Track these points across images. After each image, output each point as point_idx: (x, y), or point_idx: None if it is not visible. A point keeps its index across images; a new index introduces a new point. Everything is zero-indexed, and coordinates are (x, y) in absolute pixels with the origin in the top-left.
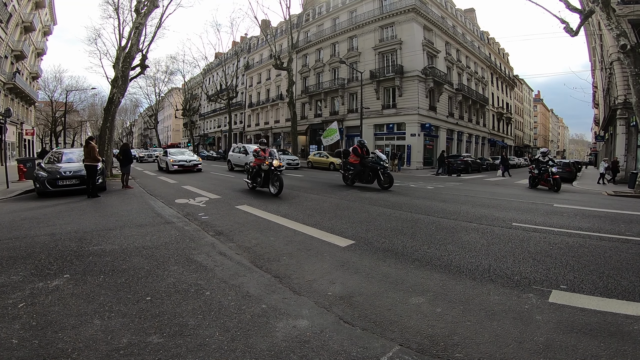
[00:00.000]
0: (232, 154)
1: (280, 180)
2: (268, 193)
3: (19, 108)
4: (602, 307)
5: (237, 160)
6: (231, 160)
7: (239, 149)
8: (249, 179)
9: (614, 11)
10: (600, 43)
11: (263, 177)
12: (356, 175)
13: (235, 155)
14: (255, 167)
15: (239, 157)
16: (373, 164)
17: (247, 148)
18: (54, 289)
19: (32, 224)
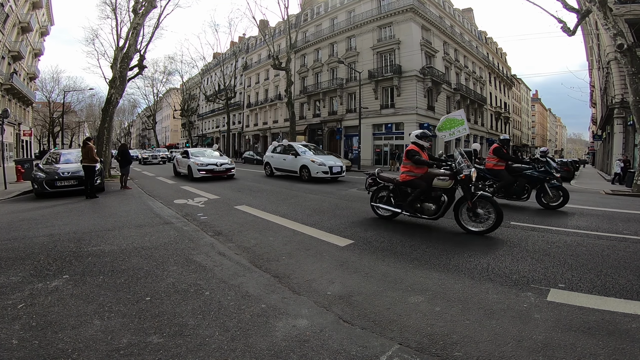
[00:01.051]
0: (271, 156)
1: (495, 206)
2: (267, 193)
3: (16, 109)
4: (600, 306)
5: (281, 163)
6: (271, 164)
7: (283, 148)
8: (386, 203)
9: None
10: (598, 42)
11: (446, 201)
12: (501, 188)
13: (279, 157)
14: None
15: (284, 159)
16: (539, 172)
17: (297, 148)
18: (54, 290)
19: (30, 224)
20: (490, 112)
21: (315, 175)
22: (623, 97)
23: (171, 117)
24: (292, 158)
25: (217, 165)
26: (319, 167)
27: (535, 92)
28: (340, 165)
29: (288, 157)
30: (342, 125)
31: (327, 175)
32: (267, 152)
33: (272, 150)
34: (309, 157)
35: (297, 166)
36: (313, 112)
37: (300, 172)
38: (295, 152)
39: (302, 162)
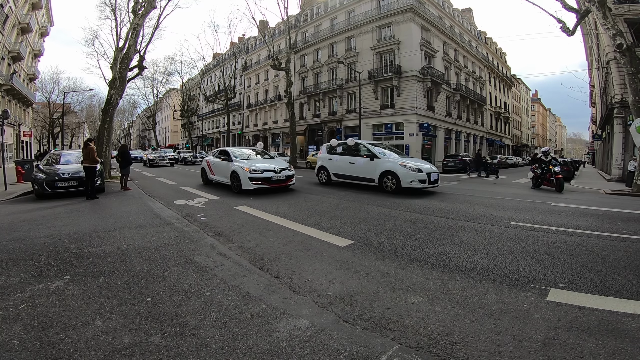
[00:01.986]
0: (329, 158)
1: None
2: (266, 194)
3: (16, 109)
4: (600, 305)
5: (346, 168)
6: (329, 168)
7: (347, 148)
8: None
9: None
10: (597, 42)
11: None
12: None
13: (342, 159)
14: None
15: (351, 162)
16: None
17: (372, 148)
18: (55, 290)
19: (31, 225)
20: (490, 112)
21: (406, 186)
22: (622, 97)
23: (171, 118)
24: (366, 161)
25: (275, 172)
26: (414, 175)
27: (535, 92)
28: (437, 172)
29: (358, 159)
30: (342, 126)
31: (423, 185)
32: (320, 152)
33: (329, 150)
34: (395, 159)
35: (375, 172)
36: (313, 113)
37: (380, 181)
38: (370, 154)
39: (386, 167)
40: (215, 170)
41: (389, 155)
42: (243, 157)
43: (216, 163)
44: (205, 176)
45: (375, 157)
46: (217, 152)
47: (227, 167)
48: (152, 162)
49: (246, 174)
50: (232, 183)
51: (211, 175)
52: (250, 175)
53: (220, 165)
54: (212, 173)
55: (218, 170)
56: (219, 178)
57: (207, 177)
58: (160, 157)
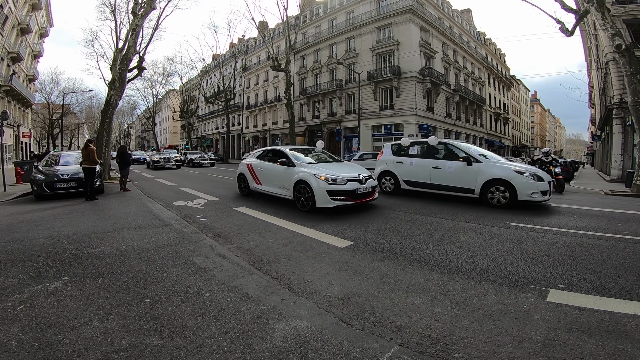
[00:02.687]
0: (398, 161)
1: None
2: (266, 195)
3: (15, 110)
4: (600, 306)
5: (426, 174)
6: (397, 174)
7: (425, 148)
8: None
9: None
10: (596, 43)
11: None
12: None
13: (421, 164)
14: None
15: (436, 167)
16: None
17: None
18: (53, 292)
19: (30, 226)
20: (489, 113)
21: (525, 199)
22: (622, 98)
23: (170, 119)
24: (460, 166)
25: (361, 182)
26: (535, 185)
27: (534, 93)
28: (551, 180)
29: (448, 164)
30: (341, 127)
31: (544, 198)
32: (382, 154)
33: (398, 151)
34: (506, 164)
35: (474, 181)
36: (312, 114)
37: (482, 192)
38: (467, 156)
39: (494, 174)
40: (263, 178)
41: (492, 158)
42: (307, 161)
43: (266, 168)
44: (245, 185)
45: (476, 161)
46: (261, 152)
47: (285, 175)
48: (156, 164)
49: (323, 186)
50: (297, 197)
51: (255, 185)
52: (329, 187)
53: (272, 171)
54: (257, 181)
55: (268, 178)
56: (270, 189)
57: (250, 187)
58: (166, 158)
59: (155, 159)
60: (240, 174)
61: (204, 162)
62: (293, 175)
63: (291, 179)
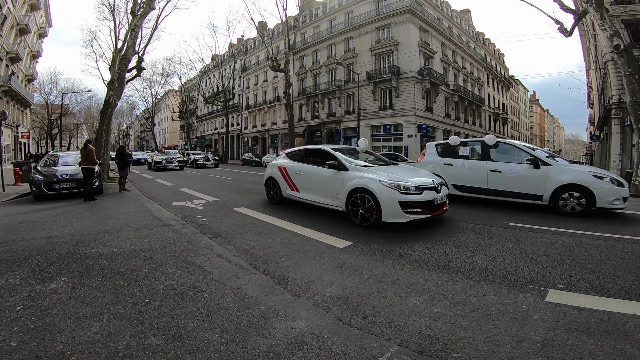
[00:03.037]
0: (445, 163)
1: None
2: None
3: (14, 111)
4: (599, 306)
5: (481, 177)
6: (446, 177)
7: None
8: None
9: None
10: (595, 43)
11: None
12: None
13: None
14: None
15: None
16: None
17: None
18: (52, 292)
19: (28, 227)
20: (488, 113)
21: (604, 206)
22: (620, 98)
23: (170, 119)
24: (525, 170)
25: (436, 190)
26: (617, 191)
27: (533, 93)
28: None
29: (509, 167)
30: (340, 127)
31: (624, 205)
32: (425, 155)
33: (444, 152)
34: (578, 167)
35: (543, 186)
36: (312, 114)
37: (552, 198)
38: (533, 158)
39: (568, 179)
40: (301, 184)
41: (561, 161)
42: (362, 164)
43: (305, 172)
44: (276, 191)
45: (544, 164)
46: (295, 152)
47: (334, 180)
48: (159, 165)
49: (394, 196)
50: (352, 209)
51: (290, 191)
52: (402, 197)
53: (315, 175)
54: (292, 187)
55: (309, 184)
56: (310, 197)
57: (282, 193)
58: (168, 159)
59: (157, 159)
60: (269, 178)
61: (207, 163)
62: (346, 181)
63: (343, 185)
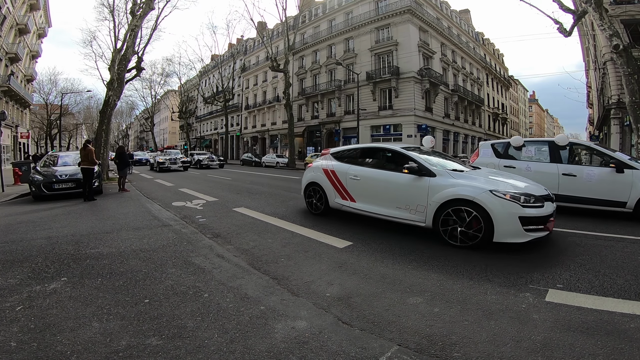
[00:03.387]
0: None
1: None
2: (266, 196)
3: (13, 111)
4: (598, 306)
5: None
6: None
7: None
8: None
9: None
10: (594, 43)
11: None
12: None
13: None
14: None
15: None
16: None
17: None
18: (52, 292)
19: (28, 227)
20: (487, 113)
21: None
22: (619, 98)
23: (169, 119)
24: (606, 174)
25: (552, 200)
26: None
27: (533, 93)
28: None
29: (584, 169)
30: (340, 127)
31: None
32: (478, 155)
33: (504, 153)
34: None
35: (624, 191)
36: (311, 114)
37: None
38: (618, 161)
39: None
40: (356, 191)
41: None
42: (452, 167)
43: (367, 177)
44: (321, 199)
45: (629, 168)
46: (347, 152)
47: (414, 189)
48: (162, 166)
49: (513, 210)
50: (443, 227)
51: (341, 201)
52: (524, 211)
53: (382, 181)
54: (345, 196)
55: (371, 192)
56: (374, 209)
57: (329, 202)
58: (172, 159)
59: (159, 160)
60: (310, 184)
61: (212, 163)
62: (435, 190)
63: (429, 196)
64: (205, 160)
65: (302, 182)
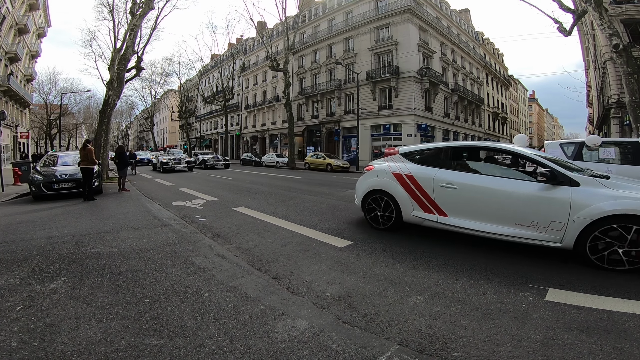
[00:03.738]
0: None
1: None
2: (266, 195)
3: (13, 111)
4: (598, 305)
5: None
6: None
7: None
8: None
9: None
10: (594, 43)
11: None
12: None
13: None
14: None
15: None
16: None
17: None
18: (52, 292)
19: (28, 227)
20: (487, 113)
21: None
22: (619, 97)
23: (169, 119)
24: None
25: None
26: None
27: (532, 93)
28: None
29: None
30: (340, 127)
31: None
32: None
33: (577, 154)
34: None
35: None
36: (311, 114)
37: None
38: None
39: None
40: (451, 203)
41: None
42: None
43: (466, 184)
44: (388, 209)
45: None
46: (431, 153)
47: (544, 202)
48: (166, 166)
49: None
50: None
51: (422, 214)
52: None
53: (495, 191)
54: (430, 208)
55: (475, 204)
56: (477, 225)
57: (402, 215)
58: (176, 159)
59: (163, 160)
60: (373, 192)
61: (217, 163)
62: (581, 204)
63: (571, 211)
64: (211, 160)
65: (357, 189)
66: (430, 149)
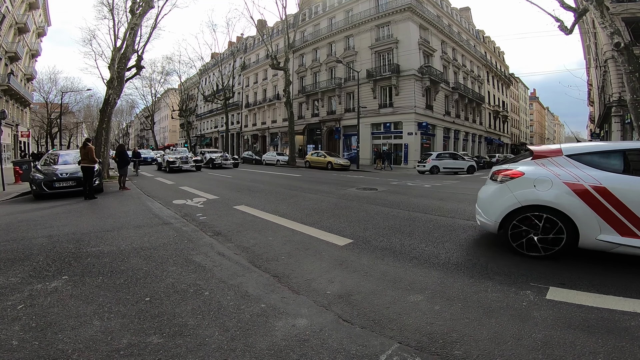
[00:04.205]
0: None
1: None
2: (266, 193)
3: (13, 110)
4: (599, 304)
5: None
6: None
7: None
8: None
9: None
10: (595, 41)
11: None
12: None
13: None
14: None
15: None
16: None
17: None
18: (53, 291)
19: (29, 226)
20: (488, 111)
21: None
22: (620, 96)
23: (169, 118)
24: None
25: None
26: None
27: (533, 91)
28: None
29: None
30: (340, 125)
31: None
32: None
33: None
34: None
35: None
36: (312, 112)
37: None
38: None
39: None
40: None
41: None
42: None
43: None
44: (548, 230)
45: None
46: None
47: None
48: (172, 165)
49: None
50: None
51: (620, 238)
52: None
53: None
54: (636, 232)
55: None
56: None
57: (579, 239)
58: (183, 158)
59: (169, 159)
60: (527, 209)
61: (226, 162)
62: None
63: None
64: (219, 159)
65: (486, 203)
66: (630, 150)
